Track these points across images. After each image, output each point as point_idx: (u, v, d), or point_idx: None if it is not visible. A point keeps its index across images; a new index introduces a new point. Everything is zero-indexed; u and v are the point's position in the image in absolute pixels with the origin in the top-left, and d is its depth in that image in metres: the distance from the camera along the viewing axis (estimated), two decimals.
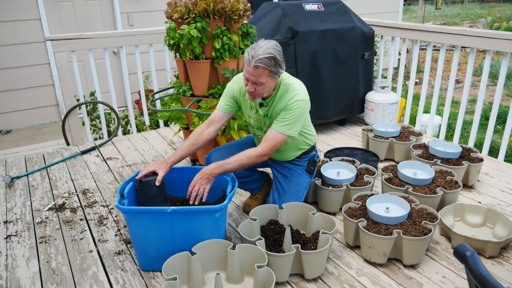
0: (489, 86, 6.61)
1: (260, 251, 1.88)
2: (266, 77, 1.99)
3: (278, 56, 1.98)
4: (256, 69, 1.96)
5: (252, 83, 2.02)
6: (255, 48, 1.97)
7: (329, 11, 3.72)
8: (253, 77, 1.99)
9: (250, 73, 1.99)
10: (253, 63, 1.95)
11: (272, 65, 1.96)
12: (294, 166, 2.40)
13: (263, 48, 1.96)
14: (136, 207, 2.04)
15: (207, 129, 2.26)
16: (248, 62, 1.97)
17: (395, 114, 3.91)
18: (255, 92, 2.05)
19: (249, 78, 2.01)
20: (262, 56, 1.93)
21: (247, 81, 2.04)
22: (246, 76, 2.03)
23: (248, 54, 1.97)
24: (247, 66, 1.99)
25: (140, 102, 5.15)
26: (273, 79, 2.05)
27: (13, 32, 4.98)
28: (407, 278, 2.00)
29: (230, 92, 2.28)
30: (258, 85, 2.02)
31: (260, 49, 1.96)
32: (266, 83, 2.02)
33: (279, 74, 2.05)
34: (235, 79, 2.32)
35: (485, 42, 3.21)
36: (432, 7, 16.43)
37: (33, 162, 3.38)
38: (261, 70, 1.96)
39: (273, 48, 1.98)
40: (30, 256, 2.22)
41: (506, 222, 2.21)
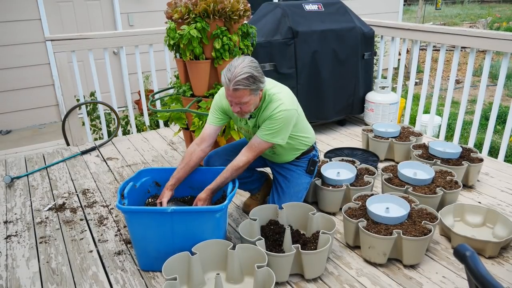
0: (489, 86, 6.61)
1: (260, 251, 1.88)
2: (248, 96, 1.97)
3: (255, 72, 1.95)
4: (236, 91, 1.93)
5: (236, 104, 2.01)
6: (231, 69, 1.93)
7: (329, 11, 3.72)
8: (235, 98, 1.97)
9: (232, 96, 1.97)
10: (231, 87, 1.92)
11: (251, 83, 1.94)
12: (294, 166, 2.40)
13: (239, 68, 1.92)
14: (136, 207, 2.05)
15: (200, 146, 2.22)
16: (227, 86, 1.94)
17: (395, 114, 3.91)
18: (241, 110, 2.04)
19: (231, 101, 2.00)
20: (240, 78, 1.90)
21: (231, 102, 2.03)
22: (228, 98, 2.01)
23: (225, 78, 1.94)
24: (227, 89, 1.97)
25: (140, 102, 5.15)
26: (256, 95, 2.03)
27: (13, 32, 4.98)
28: (407, 278, 2.00)
29: (219, 106, 2.25)
30: (242, 105, 2.01)
31: (235, 69, 1.92)
32: (249, 101, 2.00)
33: (261, 88, 2.03)
34: (220, 92, 2.28)
35: (485, 42, 3.21)
36: (432, 7, 16.44)
37: (33, 162, 3.38)
38: (242, 91, 1.94)
39: (248, 66, 1.94)
40: (30, 256, 2.22)
41: (506, 222, 2.21)
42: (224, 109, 2.25)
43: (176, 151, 3.55)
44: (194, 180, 2.31)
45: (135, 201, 2.14)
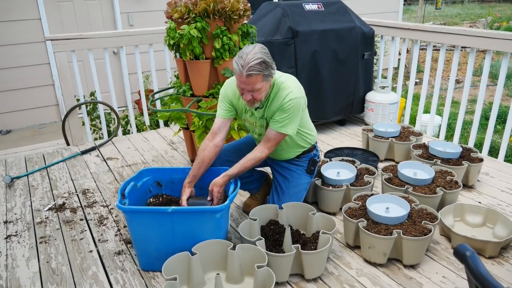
0: (489, 86, 6.61)
1: (260, 251, 1.88)
2: (261, 82, 1.98)
3: (267, 58, 1.97)
4: (250, 77, 1.93)
5: (248, 91, 2.00)
6: (243, 56, 1.94)
7: (329, 11, 3.72)
8: (248, 85, 1.96)
9: (244, 83, 1.96)
10: (245, 73, 1.92)
11: (263, 69, 1.94)
12: (294, 166, 2.39)
13: (251, 54, 1.93)
14: (137, 207, 2.04)
15: (212, 141, 2.21)
16: (240, 73, 1.94)
17: (395, 114, 3.91)
18: (253, 98, 2.03)
19: (244, 88, 1.99)
20: (253, 63, 1.91)
21: (242, 90, 2.01)
22: (240, 86, 2.00)
23: (238, 65, 1.94)
24: (239, 76, 1.96)
25: (140, 102, 5.15)
26: (268, 82, 2.03)
27: (13, 32, 4.98)
28: (407, 278, 2.00)
29: (225, 97, 2.25)
30: (255, 92, 2.00)
31: (248, 56, 1.93)
32: (262, 88, 2.00)
33: (272, 75, 2.04)
34: (226, 83, 2.28)
35: (485, 42, 3.21)
36: (432, 7, 16.43)
37: (33, 162, 3.38)
38: (255, 77, 1.94)
39: (260, 52, 1.96)
40: (30, 256, 2.22)
41: (506, 222, 2.21)
42: (231, 100, 2.25)
43: (176, 151, 3.55)
44: None
45: (137, 201, 2.14)
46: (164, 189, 2.34)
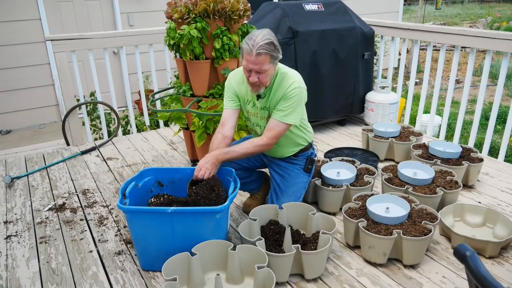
0: (489, 86, 6.61)
1: (260, 251, 1.88)
2: (268, 63, 2.02)
3: (275, 41, 2.03)
4: (259, 56, 1.98)
5: (256, 72, 2.03)
6: (252, 37, 2.00)
7: (329, 11, 3.72)
8: (256, 65, 2.00)
9: (253, 62, 2.00)
10: (255, 51, 1.97)
11: (272, 50, 2.01)
12: (291, 165, 2.40)
13: (261, 35, 1.99)
14: (137, 207, 2.04)
15: (221, 132, 2.23)
16: (249, 52, 1.99)
17: (395, 114, 3.91)
18: (259, 81, 2.06)
19: (252, 68, 2.02)
20: (262, 43, 1.97)
21: (250, 72, 2.05)
22: (248, 67, 2.03)
23: (247, 45, 1.99)
24: (248, 56, 2.00)
25: (140, 102, 5.14)
26: (274, 65, 2.08)
27: (13, 32, 4.98)
28: (407, 278, 2.00)
29: (230, 88, 2.30)
30: (261, 74, 2.04)
31: (257, 37, 1.99)
32: (268, 70, 2.05)
33: (278, 59, 2.09)
34: (230, 75, 2.33)
35: (485, 42, 3.21)
36: (432, 7, 16.43)
37: (33, 162, 3.38)
38: (264, 56, 1.99)
39: (269, 34, 2.03)
40: (30, 256, 2.22)
41: (506, 222, 2.21)
42: (235, 90, 2.28)
43: (176, 151, 3.55)
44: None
45: (138, 201, 2.14)
46: (166, 189, 2.34)
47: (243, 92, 2.27)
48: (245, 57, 2.02)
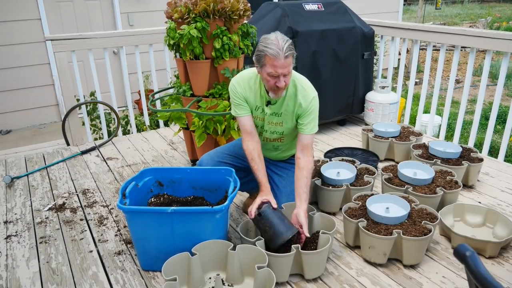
0: (489, 86, 6.61)
1: (260, 251, 1.88)
2: (292, 64, 2.02)
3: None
4: (287, 59, 1.96)
5: (284, 75, 2.00)
6: (274, 42, 1.95)
7: (329, 11, 3.72)
8: (286, 68, 1.97)
9: (283, 66, 1.96)
10: (284, 54, 1.94)
11: (294, 49, 2.00)
12: (290, 165, 2.40)
13: (280, 38, 1.97)
14: (137, 207, 2.04)
15: (254, 139, 2.22)
16: (277, 56, 1.93)
17: (395, 114, 3.91)
18: (285, 84, 2.04)
19: (282, 73, 1.98)
20: (287, 45, 1.95)
21: (277, 78, 2.00)
22: (277, 72, 1.98)
23: (272, 49, 1.93)
24: (277, 61, 1.94)
25: (140, 102, 5.15)
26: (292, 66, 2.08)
27: (13, 32, 4.98)
28: (407, 278, 2.00)
29: (239, 96, 2.21)
30: (287, 76, 2.02)
31: (278, 41, 1.95)
32: (291, 71, 2.05)
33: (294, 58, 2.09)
34: (233, 81, 2.25)
35: (485, 42, 3.21)
36: (432, 7, 16.43)
37: (33, 162, 3.38)
38: (290, 58, 1.98)
39: (282, 35, 2.01)
40: (30, 256, 2.22)
41: (506, 222, 2.21)
42: (243, 96, 2.22)
43: (176, 151, 3.55)
44: (197, 180, 2.31)
45: (138, 201, 2.14)
46: (166, 189, 2.34)
47: (252, 98, 2.22)
48: (272, 63, 1.96)
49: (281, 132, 2.27)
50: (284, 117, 2.21)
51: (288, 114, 2.19)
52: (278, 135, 2.29)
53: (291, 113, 2.19)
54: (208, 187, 2.30)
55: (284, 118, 2.21)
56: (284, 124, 2.23)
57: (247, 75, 2.21)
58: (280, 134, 2.29)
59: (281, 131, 2.26)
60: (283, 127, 2.24)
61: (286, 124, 2.23)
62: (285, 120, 2.22)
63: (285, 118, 2.21)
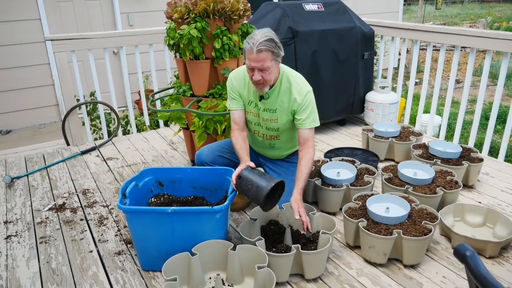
0: (489, 86, 6.61)
1: (260, 251, 1.87)
2: (270, 60, 2.02)
3: (275, 38, 2.04)
4: (260, 53, 1.98)
5: (259, 70, 2.03)
6: (253, 36, 2.01)
7: (329, 11, 3.72)
8: (258, 62, 2.01)
9: (255, 60, 2.00)
10: (255, 49, 1.97)
11: (273, 47, 2.01)
12: (287, 163, 2.41)
13: (261, 33, 2.01)
14: (137, 207, 2.04)
15: (243, 131, 2.29)
16: (251, 50, 1.99)
17: (395, 114, 3.91)
18: (263, 79, 2.06)
19: (255, 66, 2.03)
20: (262, 40, 1.98)
21: (253, 71, 2.05)
22: (251, 65, 2.04)
23: (248, 44, 2.00)
24: (250, 54, 2.01)
25: (140, 102, 5.15)
26: (276, 62, 2.08)
27: (13, 32, 4.98)
28: (407, 278, 2.00)
29: (233, 89, 2.28)
30: (264, 72, 2.04)
31: (258, 35, 2.00)
32: (271, 67, 2.05)
33: (280, 57, 2.09)
34: (231, 76, 2.31)
35: (485, 42, 3.21)
36: (432, 7, 16.43)
37: (33, 162, 3.38)
38: (265, 53, 1.99)
39: (269, 31, 2.04)
40: (30, 256, 2.22)
41: (506, 222, 2.21)
42: (238, 90, 2.28)
43: (176, 151, 3.55)
44: (197, 180, 2.32)
45: (138, 201, 2.14)
46: (166, 189, 2.34)
47: (245, 92, 2.27)
48: (247, 56, 2.03)
49: (277, 129, 2.28)
50: (278, 113, 2.23)
51: (283, 110, 2.21)
52: (274, 132, 2.31)
53: (286, 108, 2.21)
54: (208, 187, 2.30)
55: (279, 114, 2.23)
56: (279, 120, 2.24)
57: (243, 69, 2.24)
58: (276, 131, 2.30)
59: (276, 128, 2.28)
60: (278, 123, 2.26)
61: (281, 120, 2.24)
62: (280, 116, 2.23)
63: (280, 114, 2.23)
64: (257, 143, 2.46)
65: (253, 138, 2.45)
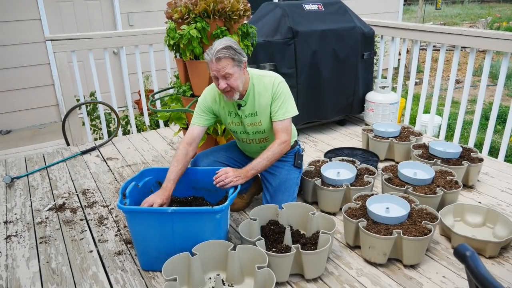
0: (489, 86, 6.61)
1: (260, 251, 1.87)
2: (232, 67, 2.05)
3: (234, 45, 2.07)
4: (219, 61, 2.02)
5: (222, 78, 2.06)
6: (212, 47, 2.06)
7: (329, 11, 3.72)
8: (220, 70, 2.04)
9: (216, 69, 2.05)
10: (214, 57, 2.02)
11: (232, 54, 2.05)
12: (281, 163, 2.41)
13: (218, 42, 2.06)
14: (137, 207, 2.04)
15: (190, 147, 2.25)
16: (211, 60, 2.04)
17: (395, 114, 3.91)
18: (230, 86, 2.08)
19: (218, 75, 2.06)
20: (220, 48, 2.02)
21: (217, 80, 2.09)
22: (214, 75, 2.08)
23: (208, 54, 2.06)
24: (211, 64, 2.06)
25: (140, 102, 5.15)
26: (240, 68, 2.10)
27: (13, 32, 4.98)
28: (407, 278, 2.00)
29: (205, 106, 2.30)
30: (228, 79, 2.06)
31: (215, 44, 2.05)
32: (234, 73, 2.07)
33: (243, 62, 2.11)
34: (205, 92, 2.34)
35: (485, 42, 3.21)
36: (432, 7, 16.43)
37: (33, 162, 3.38)
38: (224, 60, 2.03)
39: (227, 39, 2.09)
40: (30, 256, 2.22)
41: (506, 222, 2.21)
42: (211, 108, 2.31)
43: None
44: (197, 180, 2.32)
45: (138, 201, 2.14)
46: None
47: (221, 106, 2.29)
48: (209, 66, 2.08)
49: (263, 131, 2.30)
50: (260, 115, 2.25)
51: (264, 110, 2.23)
52: (262, 134, 2.32)
53: (266, 107, 2.23)
54: (208, 187, 2.30)
55: (261, 115, 2.25)
56: (263, 121, 2.27)
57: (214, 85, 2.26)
58: (262, 133, 2.32)
59: (262, 130, 2.30)
60: (262, 125, 2.28)
61: (265, 121, 2.26)
62: (262, 117, 2.26)
63: (262, 116, 2.25)
64: (248, 149, 2.48)
65: (243, 145, 2.47)
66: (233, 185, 2.10)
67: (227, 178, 2.09)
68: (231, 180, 2.09)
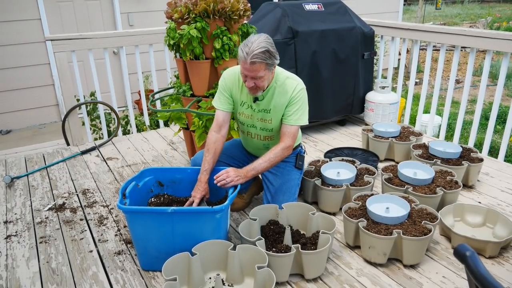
0: (489, 86, 6.61)
1: (260, 251, 1.87)
2: (264, 70, 2.03)
3: (271, 48, 2.03)
4: (253, 65, 1.99)
5: (251, 78, 2.05)
6: (248, 44, 2.00)
7: (329, 11, 3.72)
8: (251, 72, 2.02)
9: (248, 70, 2.02)
10: (249, 60, 1.97)
11: (267, 58, 2.01)
12: (283, 163, 2.41)
13: (256, 43, 1.99)
14: (137, 207, 2.04)
15: (220, 133, 2.25)
16: (244, 60, 2.00)
17: (395, 114, 3.91)
18: (256, 85, 2.08)
19: (248, 75, 2.04)
20: (257, 51, 1.97)
21: (246, 77, 2.06)
22: (244, 73, 2.05)
23: (243, 52, 2.00)
24: (244, 63, 2.01)
25: (140, 102, 5.15)
26: (270, 71, 2.09)
27: (13, 32, 4.98)
28: (407, 278, 2.00)
29: (226, 89, 2.28)
30: (257, 80, 2.05)
31: (253, 44, 1.98)
32: (264, 76, 2.06)
33: (275, 64, 2.10)
34: (225, 74, 2.30)
35: (485, 42, 3.21)
36: (432, 7, 16.43)
37: (33, 162, 3.38)
38: (258, 65, 1.99)
39: (265, 41, 2.02)
40: (30, 256, 2.22)
41: (506, 222, 2.21)
42: (231, 90, 2.28)
43: (176, 151, 3.55)
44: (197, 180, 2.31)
45: (138, 201, 2.15)
46: (166, 189, 2.34)
47: (238, 93, 2.27)
48: (241, 63, 2.04)
49: (271, 129, 2.29)
50: (273, 113, 2.24)
51: (278, 109, 2.22)
52: (268, 132, 2.31)
53: (281, 108, 2.21)
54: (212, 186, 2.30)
55: (273, 114, 2.24)
56: (274, 121, 2.26)
57: (238, 70, 2.23)
58: (269, 131, 2.31)
59: (270, 128, 2.29)
60: (272, 124, 2.27)
61: (276, 121, 2.25)
62: (274, 117, 2.24)
63: (274, 115, 2.24)
64: (251, 144, 2.47)
65: (246, 140, 2.46)
66: (234, 185, 2.10)
67: (229, 177, 2.09)
68: (232, 179, 2.09)
